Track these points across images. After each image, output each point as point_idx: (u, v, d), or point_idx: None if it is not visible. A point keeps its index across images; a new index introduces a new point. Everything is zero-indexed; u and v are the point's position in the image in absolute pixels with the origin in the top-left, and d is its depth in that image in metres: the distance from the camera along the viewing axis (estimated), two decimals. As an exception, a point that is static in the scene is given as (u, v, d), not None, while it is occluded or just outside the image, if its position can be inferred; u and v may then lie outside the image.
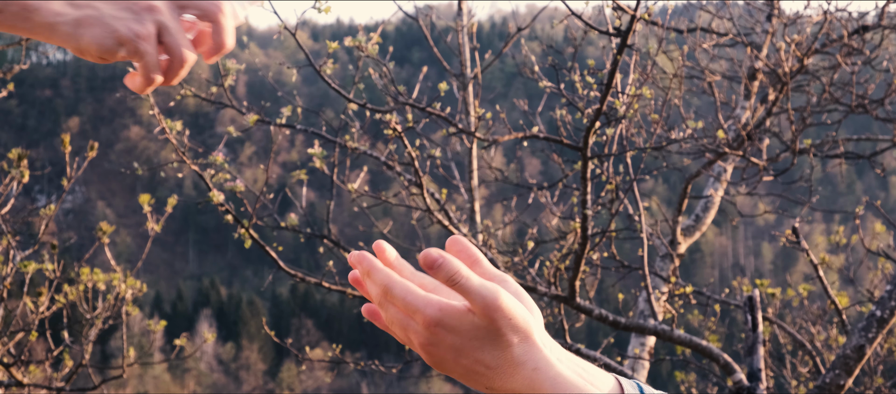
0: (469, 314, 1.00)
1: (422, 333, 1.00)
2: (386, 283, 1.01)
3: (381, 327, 1.06)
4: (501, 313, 0.99)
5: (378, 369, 6.36)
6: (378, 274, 1.02)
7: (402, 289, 1.00)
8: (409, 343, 1.03)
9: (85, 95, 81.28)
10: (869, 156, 6.72)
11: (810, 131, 9.29)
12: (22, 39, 4.90)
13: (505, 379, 1.00)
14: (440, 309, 1.00)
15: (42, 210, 4.97)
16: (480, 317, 0.99)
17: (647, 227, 6.06)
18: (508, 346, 0.99)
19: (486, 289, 0.99)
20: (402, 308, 1.01)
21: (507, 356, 0.99)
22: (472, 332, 0.99)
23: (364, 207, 5.85)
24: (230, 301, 58.25)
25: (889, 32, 6.60)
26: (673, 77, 5.92)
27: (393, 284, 1.01)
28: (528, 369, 1.00)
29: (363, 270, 1.03)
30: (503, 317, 0.99)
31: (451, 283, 0.99)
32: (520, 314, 1.01)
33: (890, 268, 6.42)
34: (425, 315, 0.99)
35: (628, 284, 7.38)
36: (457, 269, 0.99)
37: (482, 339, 0.99)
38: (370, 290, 1.03)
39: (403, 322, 1.01)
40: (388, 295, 1.01)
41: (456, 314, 1.00)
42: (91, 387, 5.44)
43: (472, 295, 0.99)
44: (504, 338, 0.99)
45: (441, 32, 6.66)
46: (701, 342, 4.99)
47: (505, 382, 1.00)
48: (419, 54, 68.39)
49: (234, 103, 5.25)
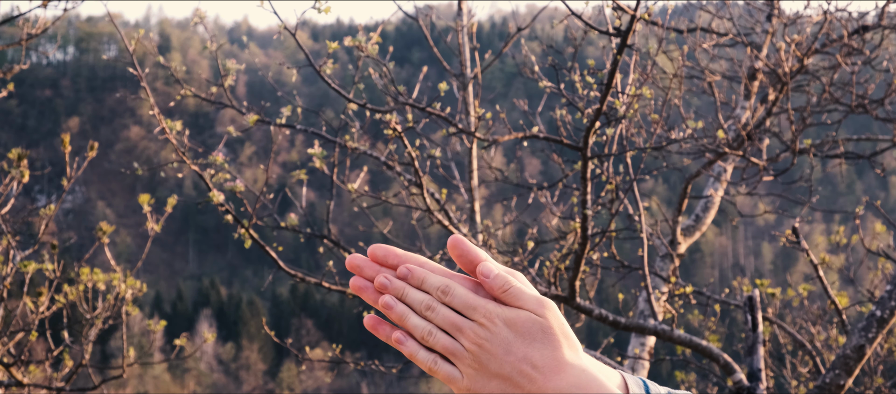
0: (525, 311, 1.05)
1: (479, 329, 1.05)
2: (446, 284, 1.07)
3: (383, 338, 1.09)
4: (554, 314, 1.06)
5: (378, 369, 6.36)
6: (435, 277, 1.07)
7: (461, 289, 1.06)
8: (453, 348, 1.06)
9: (85, 95, 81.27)
10: (869, 156, 6.71)
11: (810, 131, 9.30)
12: (22, 39, 4.90)
13: (549, 378, 1.03)
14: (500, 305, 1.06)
15: (42, 210, 4.97)
16: (537, 314, 1.05)
17: (647, 227, 6.06)
18: (559, 346, 1.05)
19: (539, 295, 1.06)
20: (461, 306, 1.06)
21: (557, 356, 1.04)
22: (526, 326, 1.04)
23: (364, 207, 5.85)
24: (230, 301, 58.24)
25: (889, 32, 6.60)
26: (673, 77, 5.91)
27: (454, 285, 1.06)
28: (576, 369, 1.04)
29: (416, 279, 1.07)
30: (556, 318, 1.06)
31: (503, 291, 1.06)
32: (568, 328, 1.07)
33: (890, 268, 6.42)
34: (486, 309, 1.05)
35: (628, 284, 7.38)
36: (507, 278, 1.06)
37: (534, 335, 1.04)
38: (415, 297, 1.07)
39: (456, 323, 1.06)
40: (448, 294, 1.06)
41: (513, 310, 1.05)
42: (91, 387, 5.44)
43: (525, 298, 1.06)
44: (555, 338, 1.05)
45: (441, 32, 6.65)
46: (701, 342, 4.99)
47: (548, 381, 1.03)
48: (419, 54, 68.41)
49: (234, 103, 5.25)
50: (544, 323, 1.04)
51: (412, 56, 68.22)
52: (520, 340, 1.04)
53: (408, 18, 15.24)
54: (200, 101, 5.50)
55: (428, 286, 1.07)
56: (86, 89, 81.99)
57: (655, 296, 6.17)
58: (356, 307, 7.96)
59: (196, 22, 4.92)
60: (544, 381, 1.03)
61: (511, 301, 1.05)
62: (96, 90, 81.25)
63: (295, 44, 4.54)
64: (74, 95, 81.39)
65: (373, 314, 1.10)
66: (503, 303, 1.06)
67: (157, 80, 51.06)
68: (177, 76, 5.39)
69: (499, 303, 1.06)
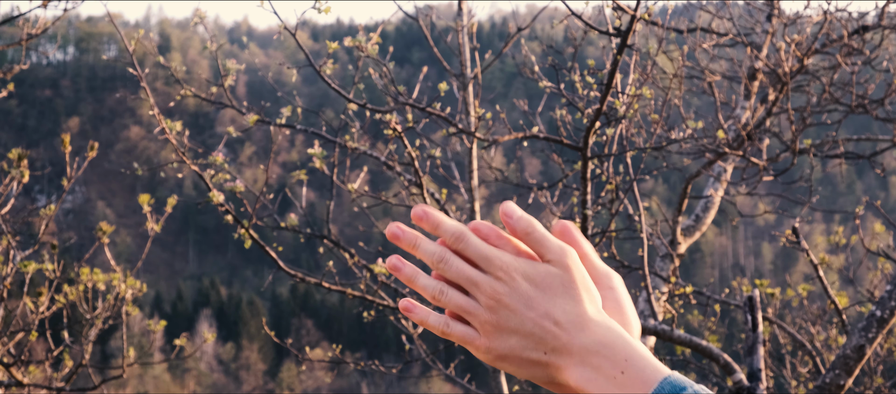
0: (545, 264, 0.98)
1: (495, 283, 0.97)
2: (460, 231, 0.98)
3: (417, 320, 1.01)
4: (577, 266, 0.98)
5: (378, 369, 6.36)
6: (449, 222, 0.99)
7: (476, 238, 0.98)
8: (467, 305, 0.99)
9: (85, 95, 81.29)
10: (869, 156, 6.71)
11: (810, 131, 9.30)
12: (22, 39, 4.90)
13: (573, 335, 0.96)
14: (517, 253, 0.99)
15: (42, 210, 4.97)
16: (557, 266, 0.98)
17: (647, 227, 6.06)
18: (581, 301, 0.97)
19: (560, 242, 0.99)
20: (476, 256, 0.98)
21: (580, 311, 0.97)
22: (547, 279, 0.97)
23: (364, 207, 5.85)
24: (230, 301, 58.25)
25: (889, 32, 6.60)
26: (673, 77, 5.91)
27: (467, 232, 0.99)
28: (601, 326, 0.97)
29: (431, 224, 0.99)
30: (578, 270, 0.98)
31: (527, 233, 0.98)
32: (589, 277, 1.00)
33: (890, 268, 6.42)
34: (502, 260, 0.97)
35: (628, 284, 7.36)
36: (531, 220, 0.98)
37: (555, 288, 0.97)
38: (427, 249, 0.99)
39: (471, 277, 0.98)
40: (461, 241, 0.98)
41: (532, 261, 0.98)
42: (91, 387, 5.44)
43: (547, 245, 0.98)
44: (578, 292, 0.97)
45: (441, 32, 6.65)
46: (701, 342, 4.99)
47: (572, 338, 0.96)
48: (419, 54, 68.40)
49: (234, 103, 5.25)
50: (566, 276, 0.97)
51: (412, 56, 68.23)
52: (541, 294, 0.97)
53: (408, 18, 15.24)
54: (200, 101, 5.50)
55: (442, 231, 0.99)
56: (86, 89, 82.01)
57: (655, 296, 6.17)
58: (356, 307, 7.97)
59: (196, 22, 4.92)
60: (569, 338, 0.96)
61: (534, 245, 0.98)
62: (96, 90, 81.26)
63: (295, 44, 4.54)
64: (74, 95, 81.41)
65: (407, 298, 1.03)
66: (524, 249, 0.99)
67: (157, 80, 51.06)
68: (177, 76, 5.39)
69: (518, 253, 0.99)
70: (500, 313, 0.97)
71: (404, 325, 6.29)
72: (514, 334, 0.97)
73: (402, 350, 6.62)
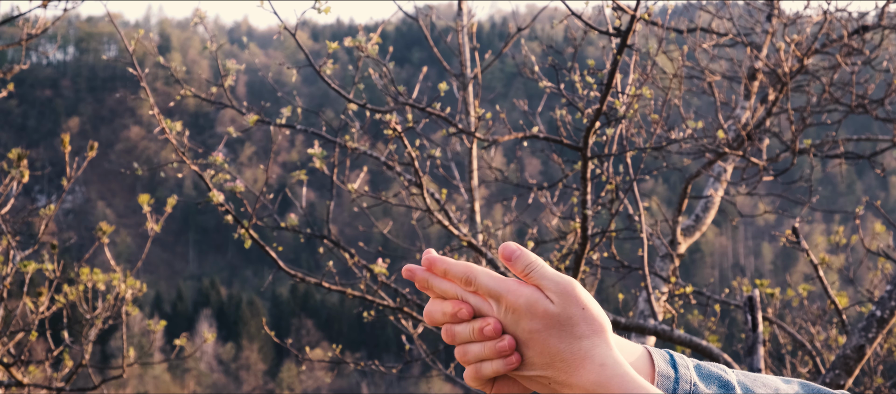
0: (546, 300, 1.02)
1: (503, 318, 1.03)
2: (469, 272, 1.05)
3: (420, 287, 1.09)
4: (576, 300, 1.02)
5: (378, 369, 6.36)
6: (458, 267, 1.06)
7: (485, 276, 1.04)
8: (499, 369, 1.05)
9: (85, 95, 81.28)
10: (869, 156, 6.71)
11: (810, 131, 9.31)
12: (22, 39, 4.90)
13: (570, 373, 1.00)
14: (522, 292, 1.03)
15: (42, 210, 4.97)
16: (556, 303, 1.02)
17: (647, 227, 6.06)
18: (580, 337, 1.01)
19: (561, 277, 1.03)
20: (486, 293, 1.04)
21: (576, 349, 1.00)
22: (546, 318, 1.01)
23: (364, 207, 5.85)
24: (230, 301, 58.23)
25: (889, 32, 6.60)
26: (673, 77, 5.91)
27: (477, 272, 1.05)
28: (596, 364, 1.00)
29: (439, 271, 1.06)
30: (577, 304, 1.02)
31: (527, 272, 1.03)
32: (594, 307, 1.03)
33: (890, 268, 6.42)
34: (508, 299, 1.02)
35: (628, 284, 7.38)
36: (532, 259, 1.03)
37: (554, 326, 1.01)
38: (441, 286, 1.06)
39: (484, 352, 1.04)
40: (472, 283, 1.04)
41: (535, 298, 1.02)
42: (91, 387, 5.44)
43: (547, 282, 1.02)
44: (576, 328, 1.01)
45: (441, 32, 6.65)
46: (701, 342, 4.99)
47: (570, 376, 1.00)
48: (419, 54, 68.37)
49: (234, 103, 5.25)
50: (563, 313, 1.01)
51: (412, 56, 68.19)
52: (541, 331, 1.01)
53: (408, 18, 15.24)
54: (200, 101, 5.50)
55: (452, 276, 1.06)
56: (86, 89, 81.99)
57: (655, 296, 6.17)
58: (356, 307, 7.97)
59: (196, 22, 4.92)
60: (567, 376, 1.00)
61: (534, 282, 1.03)
62: (96, 90, 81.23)
63: (295, 44, 4.54)
64: (74, 95, 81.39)
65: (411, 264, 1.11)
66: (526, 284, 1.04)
67: (157, 80, 51.06)
68: (177, 76, 5.39)
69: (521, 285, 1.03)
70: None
71: (404, 325, 6.29)
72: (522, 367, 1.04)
73: (402, 350, 6.62)
